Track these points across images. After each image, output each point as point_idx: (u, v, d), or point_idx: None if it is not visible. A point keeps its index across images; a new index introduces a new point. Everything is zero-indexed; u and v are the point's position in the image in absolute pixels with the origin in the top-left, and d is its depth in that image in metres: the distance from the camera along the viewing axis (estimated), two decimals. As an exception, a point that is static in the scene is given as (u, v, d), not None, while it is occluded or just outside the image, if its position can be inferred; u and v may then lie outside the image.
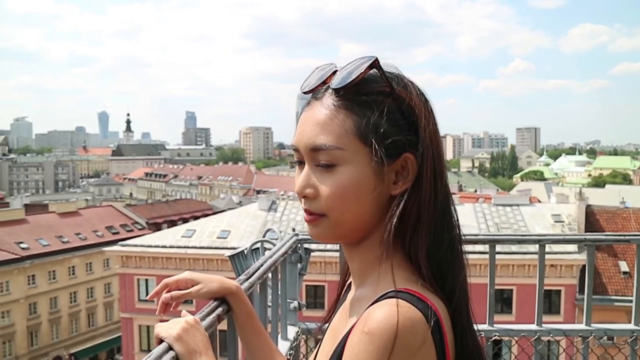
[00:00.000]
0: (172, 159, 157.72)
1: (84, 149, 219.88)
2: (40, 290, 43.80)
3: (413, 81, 1.09)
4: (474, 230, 28.22)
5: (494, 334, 2.55)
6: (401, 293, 0.97)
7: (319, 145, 1.04)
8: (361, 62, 1.04)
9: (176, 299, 1.26)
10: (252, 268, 1.64)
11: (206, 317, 1.22)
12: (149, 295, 1.33)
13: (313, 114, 1.06)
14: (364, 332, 0.93)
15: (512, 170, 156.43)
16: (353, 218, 1.05)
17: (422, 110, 1.05)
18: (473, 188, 66.09)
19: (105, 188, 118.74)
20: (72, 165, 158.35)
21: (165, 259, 29.50)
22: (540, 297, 2.61)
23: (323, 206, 1.05)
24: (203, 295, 1.29)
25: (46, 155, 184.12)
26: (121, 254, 30.97)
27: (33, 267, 43.44)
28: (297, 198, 1.09)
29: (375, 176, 1.03)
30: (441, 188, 1.06)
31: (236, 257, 2.35)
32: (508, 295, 25.83)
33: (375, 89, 1.04)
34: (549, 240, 2.61)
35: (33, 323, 43.47)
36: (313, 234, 1.09)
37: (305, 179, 1.07)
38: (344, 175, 1.03)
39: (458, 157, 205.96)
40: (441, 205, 1.06)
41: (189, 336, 1.10)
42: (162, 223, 49.75)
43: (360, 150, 1.02)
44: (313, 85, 1.10)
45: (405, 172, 1.05)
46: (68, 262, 45.73)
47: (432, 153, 1.05)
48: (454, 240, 1.07)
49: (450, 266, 1.05)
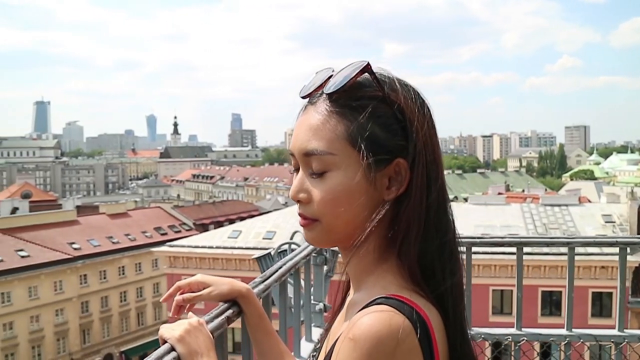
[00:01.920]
0: (219, 161, 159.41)
1: (133, 152, 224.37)
2: (91, 290, 44.87)
3: (410, 85, 1.08)
4: (521, 232, 27.83)
5: (522, 338, 2.48)
6: (390, 299, 0.96)
7: (310, 150, 1.04)
8: (353, 67, 1.04)
9: (188, 301, 1.29)
10: (270, 270, 1.66)
11: (214, 319, 1.25)
12: (162, 298, 1.36)
13: (307, 119, 1.07)
14: (349, 338, 0.93)
15: (561, 170, 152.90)
16: (345, 223, 1.04)
17: (415, 115, 1.04)
18: (520, 188, 64.90)
19: (153, 190, 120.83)
20: (122, 168, 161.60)
21: (211, 260, 29.85)
22: (570, 301, 2.53)
23: (316, 211, 1.05)
24: (214, 298, 1.32)
25: (97, 157, 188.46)
26: (169, 255, 31.47)
27: (85, 267, 44.55)
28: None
29: (367, 181, 1.02)
30: (435, 193, 1.05)
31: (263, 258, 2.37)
32: (557, 297, 25.34)
33: (368, 94, 1.04)
34: (578, 242, 2.55)
35: (85, 321, 44.57)
36: (308, 238, 1.09)
37: (299, 184, 1.07)
38: (335, 180, 1.03)
39: (505, 157, 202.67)
40: (435, 210, 1.04)
41: (191, 337, 1.12)
42: (209, 224, 50.42)
43: (351, 155, 1.02)
44: (309, 90, 1.10)
45: (398, 177, 1.03)
46: (118, 262, 46.73)
47: (426, 158, 1.03)
48: (448, 245, 1.06)
49: (443, 271, 1.03)
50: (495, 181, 67.95)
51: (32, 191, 75.22)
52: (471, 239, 2.50)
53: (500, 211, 31.15)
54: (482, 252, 15.40)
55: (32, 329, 41.73)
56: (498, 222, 29.35)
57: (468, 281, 2.50)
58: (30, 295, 41.66)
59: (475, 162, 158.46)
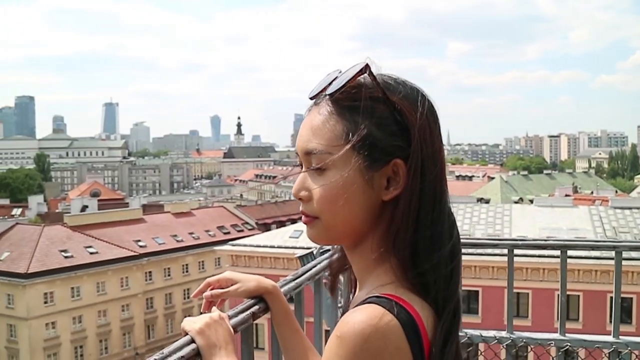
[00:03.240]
0: (282, 161, 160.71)
1: (198, 152, 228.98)
2: (156, 286, 46.07)
3: (412, 85, 1.10)
4: (590, 235, 26.99)
5: (565, 344, 2.40)
6: (381, 298, 0.98)
7: (310, 150, 1.07)
8: (353, 68, 1.06)
9: (216, 297, 1.35)
10: (303, 269, 1.67)
11: (239, 314, 1.29)
12: (193, 294, 1.41)
13: (310, 120, 1.10)
14: (336, 335, 0.95)
15: (633, 171, 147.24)
16: (343, 222, 1.06)
17: (414, 116, 1.04)
18: (589, 190, 62.87)
19: (217, 189, 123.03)
20: (187, 168, 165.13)
21: (273, 259, 30.12)
22: (617, 306, 2.45)
23: (315, 209, 1.08)
24: (241, 294, 1.36)
25: (162, 158, 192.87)
26: (231, 253, 31.93)
27: (150, 264, 45.78)
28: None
29: (364, 181, 1.04)
30: (433, 194, 1.05)
31: (304, 257, 2.38)
32: (628, 304, 24.48)
33: (367, 95, 1.05)
34: (625, 246, 2.45)
35: (150, 317, 45.80)
36: (309, 235, 1.12)
37: (301, 182, 1.11)
38: (333, 179, 1.05)
39: (573, 158, 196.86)
40: (432, 211, 1.05)
41: (211, 331, 1.17)
42: (271, 223, 50.98)
43: (349, 155, 1.04)
44: (315, 91, 1.12)
45: (396, 178, 1.05)
46: (182, 260, 47.81)
47: (424, 159, 1.04)
48: (445, 246, 1.05)
49: (439, 272, 1.03)
50: (562, 182, 65.96)
51: (100, 190, 77.78)
52: (513, 241, 2.44)
53: (567, 214, 30.32)
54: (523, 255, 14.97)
55: (99, 323, 43.16)
56: (564, 225, 28.58)
57: (510, 284, 2.46)
58: (98, 290, 43.13)
59: (541, 163, 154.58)
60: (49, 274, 40.62)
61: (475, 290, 25.73)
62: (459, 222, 30.42)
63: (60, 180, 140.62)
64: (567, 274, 2.39)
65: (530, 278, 24.62)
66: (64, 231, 44.90)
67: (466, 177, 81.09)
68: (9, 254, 42.06)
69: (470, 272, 25.34)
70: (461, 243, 1.12)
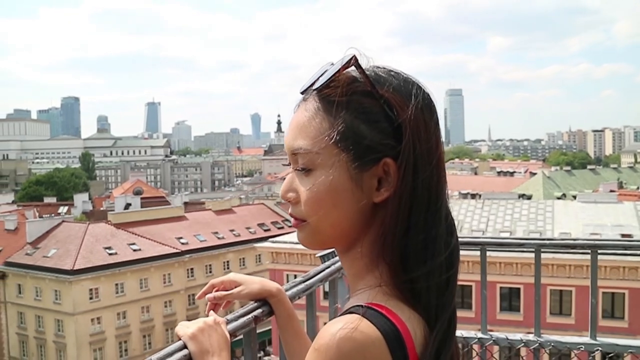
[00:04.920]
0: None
1: (238, 150, 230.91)
2: (198, 283, 46.57)
3: (406, 77, 1.01)
4: (636, 232, 26.27)
5: (596, 348, 2.29)
6: (364, 308, 0.90)
7: (296, 149, 1.00)
8: (340, 61, 0.98)
9: (219, 299, 1.32)
10: (315, 270, 1.63)
11: (240, 318, 1.25)
12: (197, 295, 1.38)
13: (296, 116, 1.02)
14: (314, 348, 0.89)
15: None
16: (332, 225, 0.99)
17: (406, 112, 0.95)
18: (635, 185, 61.36)
19: (257, 186, 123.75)
20: (227, 165, 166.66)
21: (312, 256, 30.16)
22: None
23: (303, 212, 1.00)
24: (244, 297, 1.33)
25: (204, 156, 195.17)
26: (271, 250, 32.16)
27: (192, 261, 46.38)
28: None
29: (353, 182, 0.96)
30: (427, 196, 0.96)
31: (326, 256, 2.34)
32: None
33: (356, 89, 0.97)
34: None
35: (192, 313, 46.32)
36: (299, 239, 1.05)
37: (288, 183, 1.03)
38: (319, 180, 0.97)
39: (618, 152, 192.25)
40: (425, 213, 0.96)
41: (204, 336, 1.13)
42: (310, 221, 51.09)
43: (336, 154, 0.96)
44: (305, 86, 1.04)
45: (389, 178, 0.96)
46: (223, 257, 48.28)
47: (417, 157, 0.95)
48: (441, 251, 0.97)
49: (432, 280, 0.96)
50: (606, 178, 64.55)
51: (143, 188, 78.80)
52: (540, 241, 2.35)
53: (612, 210, 29.65)
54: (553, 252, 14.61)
55: (143, 318, 43.96)
56: (609, 222, 27.95)
57: (537, 284, 2.37)
58: (141, 286, 43.91)
59: (585, 158, 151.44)
60: (94, 270, 41.54)
61: (517, 288, 25.38)
62: (500, 218, 30.08)
63: (104, 179, 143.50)
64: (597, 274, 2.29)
65: (574, 275, 24.15)
66: (108, 229, 45.83)
67: (507, 173, 79.80)
68: (56, 251, 43.14)
69: (512, 269, 25.00)
70: (486, 243, 1.04)
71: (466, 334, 2.36)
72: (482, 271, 2.36)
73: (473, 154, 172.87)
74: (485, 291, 2.36)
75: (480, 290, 2.36)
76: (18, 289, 44.34)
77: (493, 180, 69.66)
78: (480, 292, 2.35)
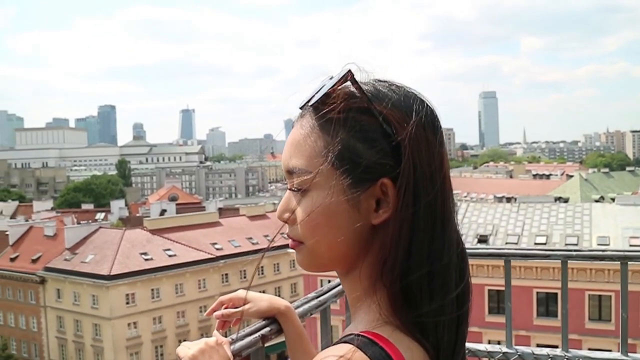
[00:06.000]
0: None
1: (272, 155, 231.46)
2: (232, 288, 46.73)
3: (410, 91, 0.96)
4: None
5: None
6: (361, 338, 0.85)
7: (290, 168, 0.95)
8: (336, 77, 0.93)
9: (227, 317, 1.29)
10: (329, 285, 1.59)
11: (246, 337, 1.22)
12: (206, 312, 1.36)
13: (292, 134, 0.97)
14: None
15: None
16: (328, 248, 0.93)
17: (406, 129, 0.90)
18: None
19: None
20: (261, 171, 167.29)
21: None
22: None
23: (299, 233, 0.95)
24: (252, 315, 1.31)
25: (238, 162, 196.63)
26: (304, 256, 32.10)
27: (226, 267, 46.69)
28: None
29: (349, 203, 0.90)
30: (432, 221, 0.90)
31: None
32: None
33: (353, 105, 0.91)
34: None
35: (226, 319, 46.67)
36: (297, 261, 1.00)
37: (285, 203, 0.98)
38: (315, 201, 0.92)
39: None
40: (430, 242, 0.90)
41: (205, 357, 1.12)
42: (344, 226, 51.01)
43: (331, 174, 0.90)
44: (304, 101, 0.99)
45: (387, 199, 0.90)
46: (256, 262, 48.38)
47: (418, 178, 0.89)
48: (440, 274, 0.90)
49: (441, 317, 0.90)
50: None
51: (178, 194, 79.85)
52: (566, 252, 2.27)
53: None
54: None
55: (178, 323, 44.39)
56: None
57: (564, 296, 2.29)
58: (176, 292, 44.35)
59: (623, 160, 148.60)
60: (130, 275, 42.14)
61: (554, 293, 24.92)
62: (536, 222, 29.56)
63: (140, 185, 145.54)
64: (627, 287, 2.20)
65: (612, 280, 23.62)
66: (144, 234, 46.47)
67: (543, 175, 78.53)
68: (93, 256, 43.89)
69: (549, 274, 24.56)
70: (510, 254, 0.99)
71: (490, 347, 2.29)
72: (507, 283, 2.28)
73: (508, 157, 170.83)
74: (510, 304, 2.29)
75: (505, 303, 2.29)
76: (57, 294, 45.24)
77: (529, 184, 68.71)
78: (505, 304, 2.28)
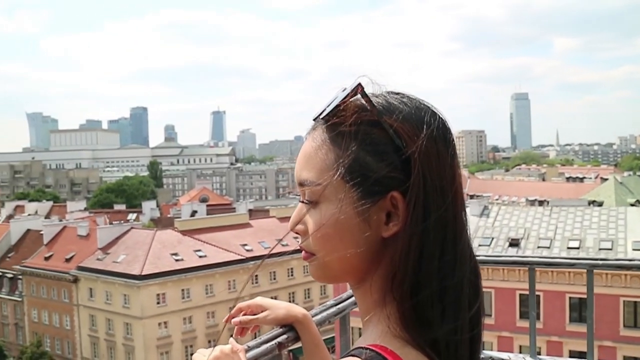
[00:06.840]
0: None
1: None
2: (262, 290, 46.99)
3: (422, 104, 0.96)
4: None
5: None
6: (367, 350, 0.86)
7: (302, 181, 0.96)
8: (347, 89, 0.94)
9: (244, 324, 1.30)
10: (348, 293, 1.57)
11: (262, 345, 1.23)
12: (224, 319, 1.36)
13: (305, 146, 0.98)
14: None
15: None
16: (340, 260, 0.94)
17: (416, 142, 0.90)
18: None
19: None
20: (292, 173, 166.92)
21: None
22: None
23: (311, 245, 0.97)
24: (269, 322, 1.31)
25: (268, 163, 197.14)
26: (334, 258, 32.14)
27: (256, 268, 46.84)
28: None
29: (360, 216, 0.91)
30: (442, 237, 0.90)
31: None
32: None
33: (363, 118, 0.92)
34: None
35: (256, 320, 46.91)
36: (310, 272, 1.02)
37: (298, 215, 0.99)
38: (325, 213, 0.93)
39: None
40: (440, 258, 0.90)
41: None
42: (378, 228, 50.97)
43: (341, 187, 0.91)
44: (317, 113, 0.99)
45: (397, 212, 0.90)
46: (287, 264, 48.62)
47: (428, 192, 0.89)
48: (452, 290, 0.90)
49: (454, 338, 0.90)
50: (684, 183, 61.72)
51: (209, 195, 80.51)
52: (592, 261, 2.23)
53: (691, 217, 28.29)
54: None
55: (208, 324, 44.74)
56: (687, 230, 26.71)
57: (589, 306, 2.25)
58: (206, 292, 44.74)
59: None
60: (161, 276, 42.64)
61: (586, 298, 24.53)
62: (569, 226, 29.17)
63: (171, 187, 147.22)
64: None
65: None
66: (174, 235, 46.99)
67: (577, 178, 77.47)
68: (125, 256, 44.52)
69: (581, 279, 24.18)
70: (535, 262, 0.98)
71: (514, 357, 2.26)
72: (531, 293, 2.22)
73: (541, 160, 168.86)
74: (534, 312, 2.26)
75: (529, 312, 2.25)
76: (90, 293, 46.01)
77: (561, 187, 67.77)
78: (529, 313, 2.25)
